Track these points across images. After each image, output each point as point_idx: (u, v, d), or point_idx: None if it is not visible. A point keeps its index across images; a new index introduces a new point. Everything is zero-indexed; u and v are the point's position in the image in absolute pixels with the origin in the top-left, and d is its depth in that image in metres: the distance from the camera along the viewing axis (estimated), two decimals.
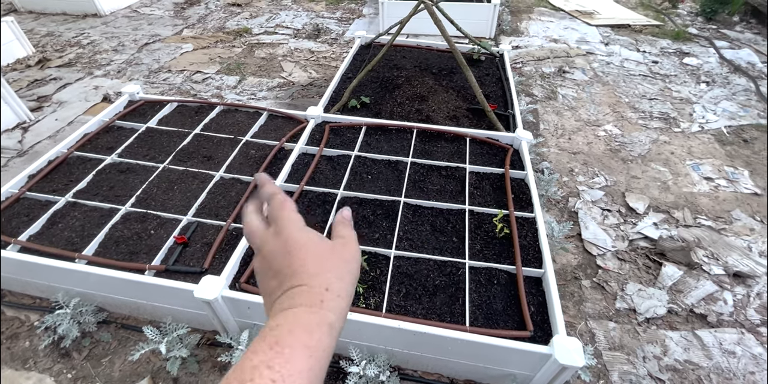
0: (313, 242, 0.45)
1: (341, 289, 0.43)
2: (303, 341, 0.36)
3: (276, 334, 0.37)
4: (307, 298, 0.40)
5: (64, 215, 1.72)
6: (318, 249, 0.45)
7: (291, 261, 0.44)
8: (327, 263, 0.44)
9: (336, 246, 0.47)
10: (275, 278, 0.44)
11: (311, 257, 0.44)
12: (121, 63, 3.77)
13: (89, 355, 1.54)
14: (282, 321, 0.38)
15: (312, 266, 0.43)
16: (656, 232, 2.15)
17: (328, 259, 0.45)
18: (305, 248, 0.44)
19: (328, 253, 0.45)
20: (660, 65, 3.84)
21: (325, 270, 0.43)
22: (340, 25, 4.62)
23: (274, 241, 0.46)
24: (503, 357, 1.36)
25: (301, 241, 0.45)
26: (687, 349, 1.67)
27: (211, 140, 2.22)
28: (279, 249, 0.45)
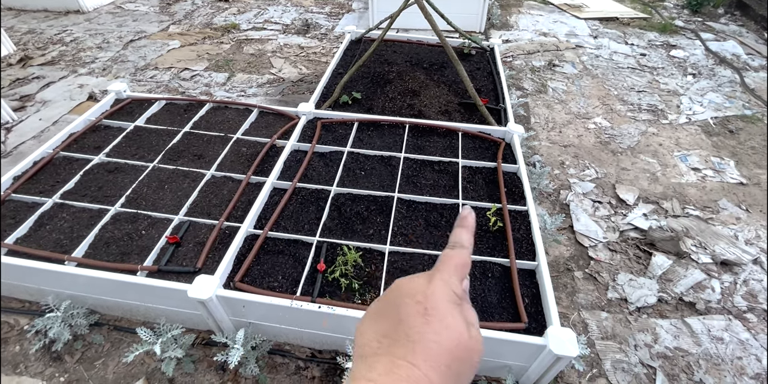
0: (458, 324, 0.37)
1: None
2: None
3: None
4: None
5: (51, 217, 1.69)
6: (458, 336, 0.37)
7: (425, 328, 0.36)
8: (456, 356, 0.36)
9: (472, 338, 0.38)
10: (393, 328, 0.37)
11: (447, 341, 0.36)
12: (106, 60, 3.69)
13: (82, 357, 1.52)
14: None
15: (443, 353, 0.35)
16: (646, 223, 2.19)
17: (460, 353, 0.37)
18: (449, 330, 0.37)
19: (464, 345, 0.37)
20: (648, 58, 3.87)
21: (451, 365, 0.35)
22: (329, 20, 4.58)
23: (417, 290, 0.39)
24: (499, 349, 1.38)
25: (445, 312, 0.37)
26: (677, 337, 1.70)
27: (201, 138, 2.19)
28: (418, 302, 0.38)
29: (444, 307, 0.38)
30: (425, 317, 0.37)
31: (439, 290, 0.39)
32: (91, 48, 3.90)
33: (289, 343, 1.59)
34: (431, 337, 0.36)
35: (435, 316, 0.37)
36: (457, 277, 0.41)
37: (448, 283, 0.40)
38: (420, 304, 0.37)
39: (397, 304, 0.38)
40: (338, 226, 1.74)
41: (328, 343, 1.55)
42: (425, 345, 0.35)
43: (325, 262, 1.56)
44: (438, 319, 0.37)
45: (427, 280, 0.40)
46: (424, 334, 0.36)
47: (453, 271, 0.41)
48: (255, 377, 1.46)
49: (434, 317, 0.37)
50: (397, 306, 0.38)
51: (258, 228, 1.70)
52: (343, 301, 1.44)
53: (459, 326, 0.37)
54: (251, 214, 1.70)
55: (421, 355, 0.35)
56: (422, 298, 0.38)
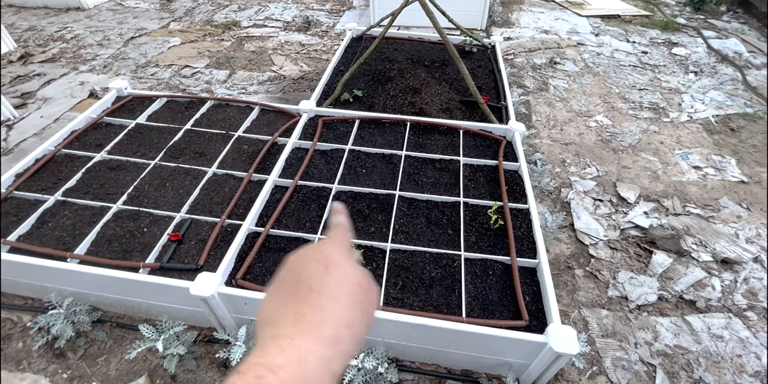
0: (354, 272, 0.42)
1: (360, 333, 0.39)
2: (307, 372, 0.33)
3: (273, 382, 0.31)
4: (322, 328, 0.36)
5: (54, 214, 1.69)
6: (357, 279, 0.41)
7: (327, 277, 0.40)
8: (359, 296, 0.40)
9: (371, 285, 0.42)
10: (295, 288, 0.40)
11: (347, 285, 0.40)
12: (107, 58, 3.69)
13: (84, 354, 1.53)
14: (284, 362, 0.33)
15: (345, 293, 0.39)
16: (647, 221, 2.19)
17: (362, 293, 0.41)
18: (346, 273, 0.41)
19: (364, 286, 0.41)
20: (649, 55, 3.86)
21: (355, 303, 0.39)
22: (330, 17, 4.56)
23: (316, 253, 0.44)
24: (499, 346, 1.38)
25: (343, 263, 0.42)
26: (677, 335, 1.71)
27: (203, 136, 2.19)
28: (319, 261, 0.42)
29: (342, 261, 0.42)
30: (327, 270, 0.41)
31: (336, 250, 0.44)
32: (92, 45, 3.89)
33: None
34: (335, 284, 0.40)
35: (336, 268, 0.41)
36: (345, 238, 0.48)
37: (341, 244, 0.46)
38: (320, 262, 0.42)
39: (297, 271, 0.42)
40: None
41: None
42: (330, 291, 0.39)
43: None
44: (338, 270, 0.41)
45: (320, 245, 0.46)
46: (327, 284, 0.39)
47: (342, 238, 0.48)
48: None
49: (335, 269, 0.41)
50: (297, 272, 0.42)
51: (259, 226, 1.70)
52: None
53: (357, 273, 0.42)
54: (253, 211, 1.71)
55: (326, 298, 0.38)
56: (321, 258, 0.42)
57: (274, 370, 0.32)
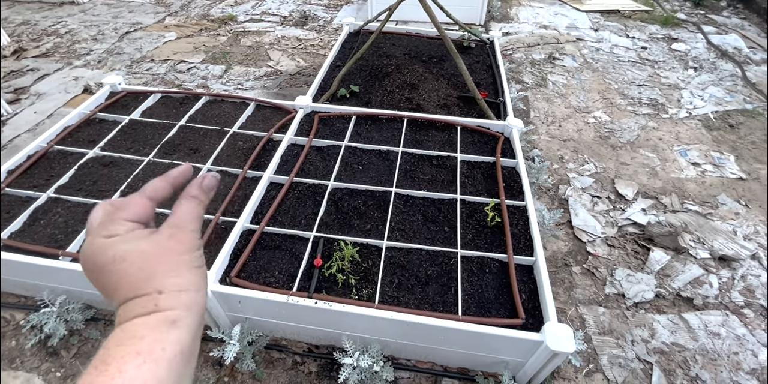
0: (134, 250, 0.40)
1: (181, 284, 0.39)
2: (133, 349, 0.34)
3: (103, 352, 0.34)
4: (140, 308, 0.37)
5: (46, 211, 1.67)
6: (142, 254, 0.40)
7: (110, 277, 0.40)
8: (157, 265, 0.40)
9: (162, 242, 0.41)
10: (105, 295, 0.41)
11: (133, 267, 0.39)
12: (101, 52, 3.65)
13: (78, 352, 1.52)
14: (111, 337, 0.35)
15: (137, 274, 0.39)
16: (644, 218, 2.18)
17: (158, 259, 0.40)
18: (123, 260, 0.40)
19: (156, 253, 0.40)
20: (649, 51, 3.83)
21: (155, 273, 0.39)
22: (327, 12, 4.52)
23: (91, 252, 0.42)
24: (495, 345, 1.38)
25: (116, 254, 0.40)
26: (674, 332, 1.70)
27: (198, 132, 2.17)
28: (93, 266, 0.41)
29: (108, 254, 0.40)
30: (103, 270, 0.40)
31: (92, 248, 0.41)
32: (86, 40, 3.85)
33: (286, 338, 1.59)
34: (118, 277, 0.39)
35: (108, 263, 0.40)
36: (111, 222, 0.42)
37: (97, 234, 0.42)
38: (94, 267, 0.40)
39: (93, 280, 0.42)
40: (335, 221, 1.73)
41: (325, 338, 1.55)
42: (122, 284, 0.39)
43: (321, 258, 1.56)
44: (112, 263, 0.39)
45: (82, 250, 0.43)
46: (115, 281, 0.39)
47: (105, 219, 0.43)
48: (252, 372, 1.46)
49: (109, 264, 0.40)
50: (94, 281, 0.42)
51: (254, 223, 1.69)
52: (340, 297, 1.44)
53: (131, 249, 0.40)
54: (248, 208, 1.69)
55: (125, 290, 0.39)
56: (90, 263, 0.41)
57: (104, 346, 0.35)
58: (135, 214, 0.43)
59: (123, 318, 0.37)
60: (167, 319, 0.37)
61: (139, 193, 0.45)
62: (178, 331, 0.37)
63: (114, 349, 0.34)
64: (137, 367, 0.33)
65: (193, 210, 0.45)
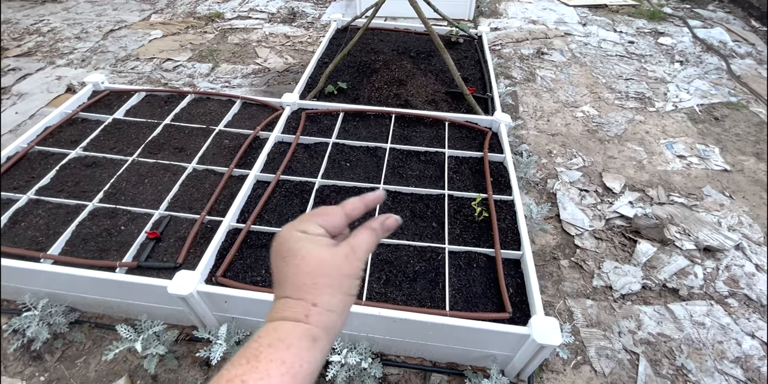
0: (313, 253, 0.43)
1: (332, 304, 0.42)
2: (281, 356, 0.37)
3: (255, 346, 0.38)
4: (291, 312, 0.40)
5: (26, 213, 1.64)
6: (317, 260, 0.43)
7: (285, 268, 0.43)
8: (322, 277, 0.42)
9: (338, 257, 0.44)
10: (275, 283, 0.44)
11: (306, 268, 0.42)
12: (85, 51, 3.58)
13: (62, 356, 1.50)
14: (264, 333, 0.39)
15: (304, 277, 0.42)
16: (631, 211, 2.20)
17: (326, 271, 0.43)
18: (302, 258, 0.43)
19: (328, 264, 0.43)
20: (636, 45, 3.85)
21: (318, 284, 0.42)
22: (316, 8, 4.48)
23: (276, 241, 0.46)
24: (483, 339, 1.38)
25: (296, 248, 0.44)
26: (660, 323, 1.72)
27: (183, 131, 2.14)
28: (276, 251, 0.45)
29: (296, 246, 0.44)
30: (285, 262, 0.43)
31: (288, 235, 0.45)
32: (69, 38, 3.78)
33: None
34: (292, 272, 0.43)
35: (292, 256, 0.43)
36: (310, 222, 0.47)
37: (297, 227, 0.46)
38: (279, 254, 0.44)
39: (272, 266, 0.46)
40: None
41: None
42: (290, 279, 0.42)
43: None
44: (293, 257, 0.43)
45: (278, 234, 0.47)
46: (286, 274, 0.43)
47: (307, 218, 0.48)
48: None
49: (292, 258, 0.43)
50: (272, 267, 0.46)
51: (241, 222, 1.67)
52: None
53: (313, 253, 0.43)
54: (234, 207, 1.67)
55: (291, 287, 0.42)
56: (278, 248, 0.45)
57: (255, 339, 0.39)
58: (329, 223, 0.47)
59: (275, 313, 0.41)
60: (310, 335, 0.40)
61: (339, 206, 0.50)
62: (316, 351, 0.39)
63: (266, 349, 0.37)
64: (280, 376, 0.36)
65: (371, 241, 0.47)
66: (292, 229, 0.46)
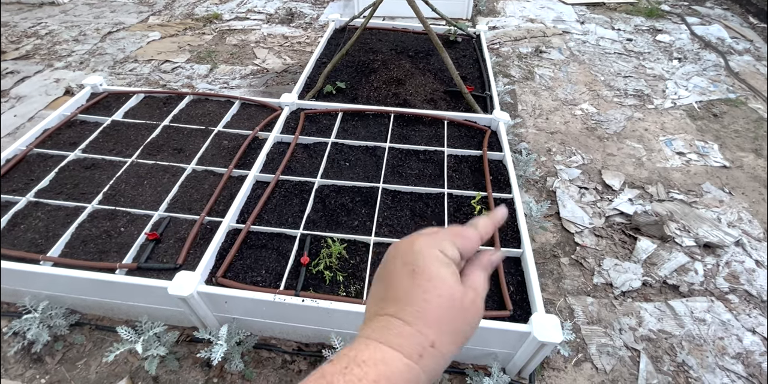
0: (448, 283, 0.38)
1: (448, 351, 0.37)
2: None
3: (359, 374, 0.33)
4: (407, 343, 0.36)
5: (26, 216, 1.64)
6: (450, 294, 0.38)
7: (410, 286, 0.38)
8: (450, 316, 0.38)
9: (467, 299, 0.39)
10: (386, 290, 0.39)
11: (436, 298, 0.37)
12: (83, 53, 3.58)
13: (63, 358, 1.50)
14: (370, 360, 0.34)
15: (432, 308, 0.37)
16: (631, 208, 2.20)
17: (456, 313, 0.38)
18: (434, 285, 0.38)
19: (457, 303, 0.38)
20: (634, 43, 3.85)
21: (443, 322, 0.37)
22: (314, 9, 4.48)
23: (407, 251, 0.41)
24: (484, 337, 1.38)
25: (433, 273, 0.38)
26: (660, 319, 1.72)
27: (182, 132, 2.14)
28: (405, 264, 0.39)
29: (431, 267, 0.39)
30: (413, 279, 0.38)
31: (426, 251, 0.40)
32: (68, 41, 3.78)
33: (275, 338, 1.58)
34: (419, 296, 0.37)
35: (422, 275, 0.38)
36: (449, 242, 0.42)
37: (436, 245, 0.41)
38: (407, 265, 0.39)
39: (389, 269, 0.41)
40: (322, 218, 1.72)
41: (315, 336, 1.54)
42: (415, 303, 0.37)
43: (309, 255, 1.55)
44: (426, 279, 0.38)
45: (416, 239, 0.42)
46: (412, 294, 0.38)
47: (446, 236, 0.42)
48: (241, 372, 1.45)
49: (422, 276, 0.38)
50: (389, 270, 0.40)
51: (240, 222, 1.67)
52: (328, 294, 1.43)
53: (448, 284, 0.38)
54: (233, 208, 1.67)
55: (412, 313, 0.37)
56: (409, 258, 0.40)
57: (359, 363, 0.34)
58: (466, 247, 0.43)
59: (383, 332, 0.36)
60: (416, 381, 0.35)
61: (473, 227, 0.45)
62: None
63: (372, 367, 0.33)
64: None
65: (486, 282, 0.43)
66: (429, 244, 0.40)
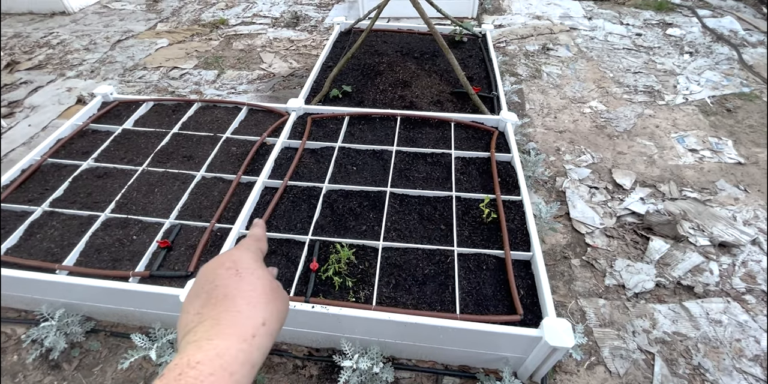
0: (266, 275, 0.46)
1: (275, 328, 0.42)
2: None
3: (194, 375, 0.34)
4: (239, 328, 0.39)
5: (41, 225, 1.68)
6: (269, 282, 0.45)
7: (238, 283, 0.43)
8: (273, 296, 0.43)
9: (280, 286, 0.48)
10: (207, 298, 0.42)
11: (261, 288, 0.43)
12: (93, 62, 3.65)
13: (80, 365, 1.53)
14: (203, 357, 0.36)
15: (260, 295, 0.42)
16: (643, 207, 2.16)
17: (275, 293, 0.44)
18: (258, 277, 0.44)
19: (277, 289, 0.46)
20: (644, 38, 3.79)
21: (269, 303, 0.42)
22: (319, 12, 4.49)
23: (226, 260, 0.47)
24: (495, 342, 1.37)
25: (254, 268, 0.46)
26: (675, 321, 1.69)
27: (191, 139, 2.17)
28: (229, 268, 0.45)
29: (252, 265, 0.45)
30: (239, 276, 0.43)
31: (244, 254, 0.47)
32: (78, 50, 3.85)
33: (286, 343, 1.60)
34: (247, 288, 0.42)
35: (246, 271, 0.44)
36: (255, 246, 0.52)
37: (250, 249, 0.49)
38: (231, 268, 0.44)
39: (210, 279, 0.44)
40: (331, 223, 1.72)
41: (325, 341, 1.55)
42: (244, 294, 0.41)
43: (318, 261, 1.55)
44: (250, 274, 0.44)
45: (230, 251, 0.49)
46: (241, 288, 0.42)
47: (252, 242, 0.52)
48: None
49: (246, 273, 0.44)
50: (210, 280, 0.44)
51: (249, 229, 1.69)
52: (337, 300, 1.44)
53: (268, 277, 0.46)
54: (242, 214, 1.69)
55: (242, 301, 0.41)
56: (231, 263, 0.45)
57: (192, 365, 0.35)
58: (264, 247, 0.60)
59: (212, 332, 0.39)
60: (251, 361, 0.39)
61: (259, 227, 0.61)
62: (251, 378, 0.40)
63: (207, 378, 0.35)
64: None
65: None
66: (243, 251, 0.48)
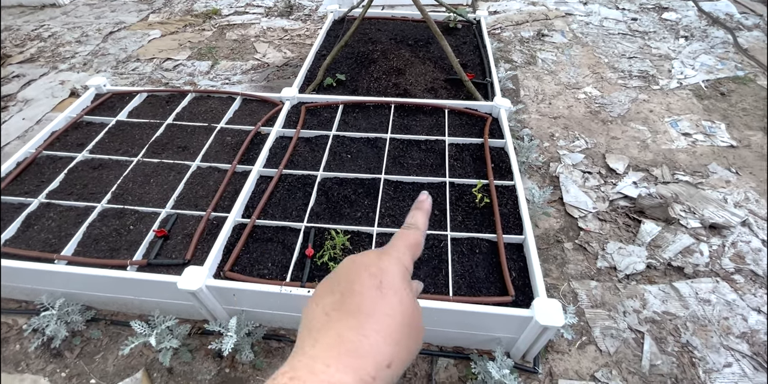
0: (409, 300, 0.37)
1: (399, 372, 0.34)
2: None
3: None
4: (361, 360, 0.32)
5: (38, 217, 1.70)
6: (409, 311, 0.36)
7: (380, 302, 0.35)
8: (407, 331, 0.35)
9: (419, 316, 0.38)
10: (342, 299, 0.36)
11: (399, 315, 0.35)
12: (86, 54, 3.62)
13: (81, 353, 1.56)
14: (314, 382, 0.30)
15: (395, 326, 0.34)
16: (635, 191, 2.18)
17: (410, 328, 0.36)
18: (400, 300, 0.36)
19: (414, 321, 0.37)
20: (639, 22, 3.76)
21: (402, 339, 0.34)
22: (312, 0, 4.44)
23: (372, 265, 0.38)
24: (487, 323, 1.41)
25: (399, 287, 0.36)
26: (665, 301, 1.73)
27: (185, 129, 2.17)
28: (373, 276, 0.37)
29: (398, 283, 0.37)
30: (380, 290, 0.36)
31: (394, 266, 0.39)
32: (70, 42, 3.82)
33: (284, 328, 1.63)
34: (385, 311, 0.35)
35: (390, 290, 0.36)
36: (409, 255, 0.42)
37: (402, 260, 0.40)
38: (374, 277, 0.37)
39: (350, 279, 0.37)
40: (326, 210, 1.74)
41: None
42: (378, 318, 0.34)
43: (313, 247, 1.58)
44: (393, 294, 0.36)
45: (380, 255, 0.40)
46: (378, 307, 0.35)
47: (406, 249, 0.42)
48: (251, 362, 1.50)
49: (389, 291, 0.36)
50: (350, 280, 0.37)
51: (245, 217, 1.71)
52: None
53: (412, 304, 0.37)
54: (238, 203, 1.71)
55: (374, 326, 0.34)
56: (376, 271, 0.37)
57: None
58: (417, 255, 0.46)
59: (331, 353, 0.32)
60: None
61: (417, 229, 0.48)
62: None
63: None
64: None
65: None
66: (394, 261, 0.39)
